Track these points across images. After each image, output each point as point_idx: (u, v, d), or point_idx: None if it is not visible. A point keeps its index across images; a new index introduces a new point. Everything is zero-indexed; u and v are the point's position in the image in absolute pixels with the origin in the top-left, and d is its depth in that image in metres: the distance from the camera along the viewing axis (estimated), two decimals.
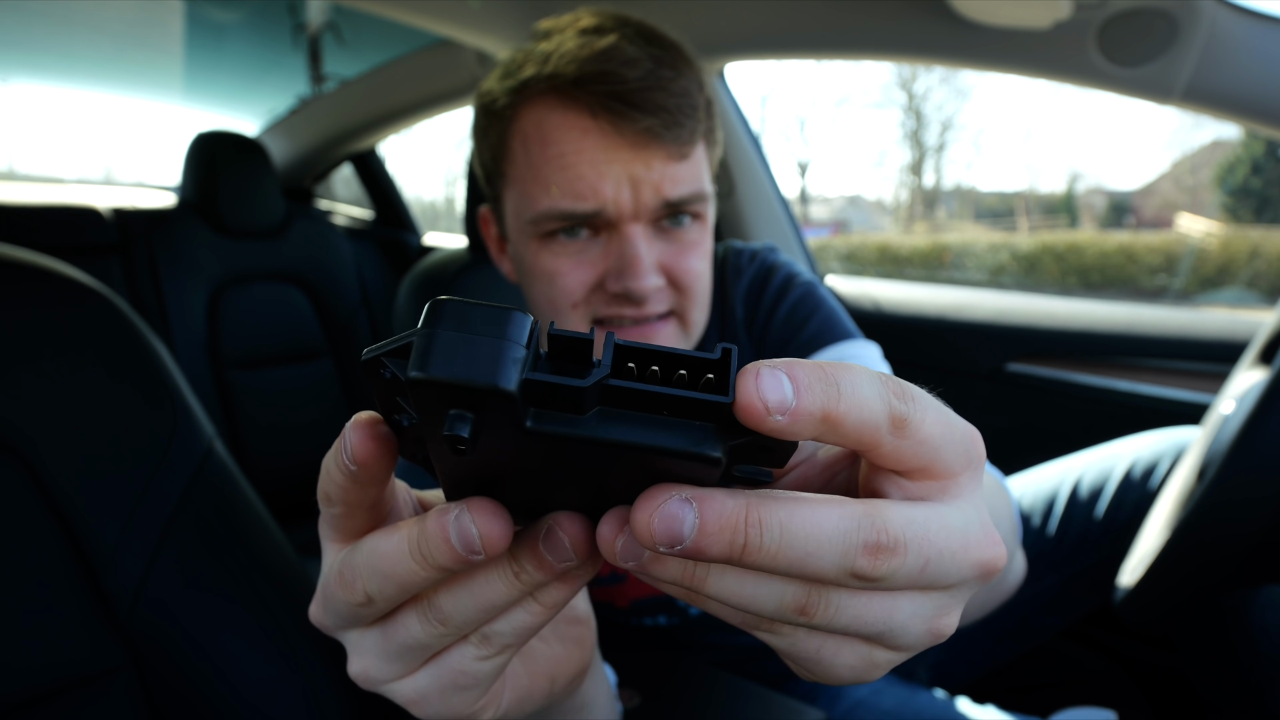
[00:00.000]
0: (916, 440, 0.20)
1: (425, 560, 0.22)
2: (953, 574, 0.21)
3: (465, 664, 0.25)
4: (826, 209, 16.68)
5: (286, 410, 1.79)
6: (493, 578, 0.23)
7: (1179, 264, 7.38)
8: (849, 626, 0.21)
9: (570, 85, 0.56)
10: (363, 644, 0.26)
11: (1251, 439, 0.53)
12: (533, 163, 0.58)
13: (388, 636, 0.25)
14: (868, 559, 0.20)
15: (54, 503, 0.56)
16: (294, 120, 2.17)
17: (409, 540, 0.22)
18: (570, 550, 0.22)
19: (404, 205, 2.33)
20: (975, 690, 0.98)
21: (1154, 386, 1.14)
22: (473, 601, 0.24)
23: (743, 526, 0.19)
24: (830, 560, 0.19)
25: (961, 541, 0.21)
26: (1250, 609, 0.72)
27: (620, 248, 0.57)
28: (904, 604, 0.22)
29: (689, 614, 0.80)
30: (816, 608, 0.21)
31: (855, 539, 0.19)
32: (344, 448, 0.22)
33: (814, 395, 0.18)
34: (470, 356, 0.17)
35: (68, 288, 0.61)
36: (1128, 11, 0.86)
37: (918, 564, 0.20)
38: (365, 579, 0.23)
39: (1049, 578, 0.86)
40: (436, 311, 0.17)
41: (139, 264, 1.66)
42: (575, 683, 0.34)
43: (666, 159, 0.57)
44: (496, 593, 0.23)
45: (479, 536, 0.21)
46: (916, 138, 15.92)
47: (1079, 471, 0.88)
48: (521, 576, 0.23)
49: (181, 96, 2.38)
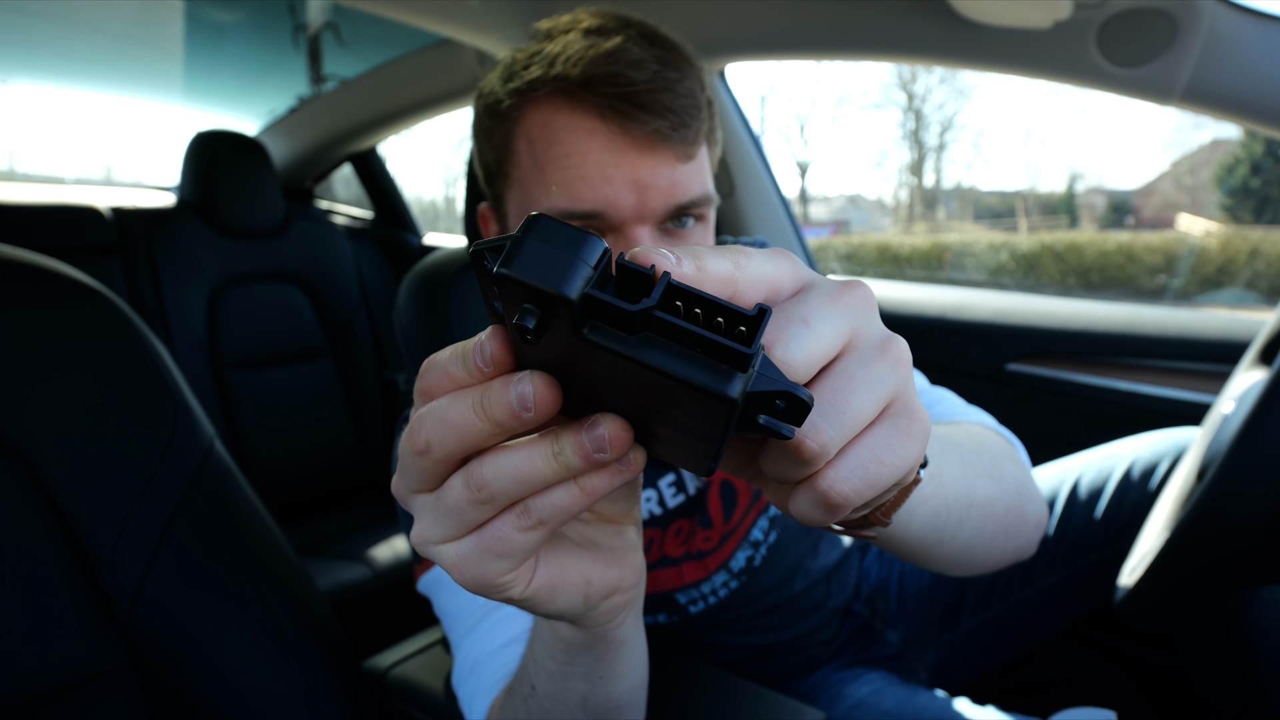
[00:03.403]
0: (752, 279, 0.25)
1: (484, 413, 0.25)
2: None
3: (504, 531, 0.28)
4: (826, 209, 16.68)
5: (286, 410, 1.79)
6: (534, 453, 0.26)
7: (1179, 264, 7.38)
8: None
9: (577, 87, 0.56)
10: (424, 504, 0.29)
11: (1251, 439, 0.53)
12: (537, 163, 0.58)
13: (438, 499, 0.28)
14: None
15: (54, 503, 0.56)
16: (294, 120, 2.17)
17: (474, 395, 0.26)
18: (607, 444, 0.25)
19: (404, 205, 2.33)
20: (975, 690, 0.98)
21: (1154, 386, 1.14)
22: (512, 472, 0.26)
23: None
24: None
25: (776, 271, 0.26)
26: (1250, 609, 0.72)
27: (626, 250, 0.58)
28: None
29: (689, 612, 0.80)
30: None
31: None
32: (480, 351, 0.25)
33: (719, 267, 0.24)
34: (547, 265, 0.20)
35: (68, 287, 0.61)
36: (1128, 11, 0.86)
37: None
38: (429, 427, 0.26)
39: (1049, 577, 0.86)
40: (533, 222, 0.21)
41: (139, 264, 1.66)
42: (612, 602, 0.35)
43: (674, 160, 0.57)
44: (534, 468, 0.26)
45: (533, 396, 0.24)
46: (916, 138, 15.92)
47: (1078, 472, 0.88)
48: (560, 457, 0.26)
49: (181, 96, 2.38)
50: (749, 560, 0.80)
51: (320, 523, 1.78)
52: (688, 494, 0.78)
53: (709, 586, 0.79)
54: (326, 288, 1.90)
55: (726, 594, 0.80)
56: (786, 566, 0.83)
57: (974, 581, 0.90)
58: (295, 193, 2.29)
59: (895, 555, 0.54)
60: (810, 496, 0.26)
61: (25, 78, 2.16)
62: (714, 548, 0.79)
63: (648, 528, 0.77)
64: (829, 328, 0.25)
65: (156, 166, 7.32)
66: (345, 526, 1.76)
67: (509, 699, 0.51)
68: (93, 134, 7.80)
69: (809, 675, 0.87)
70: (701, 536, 0.78)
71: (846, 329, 0.26)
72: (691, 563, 0.78)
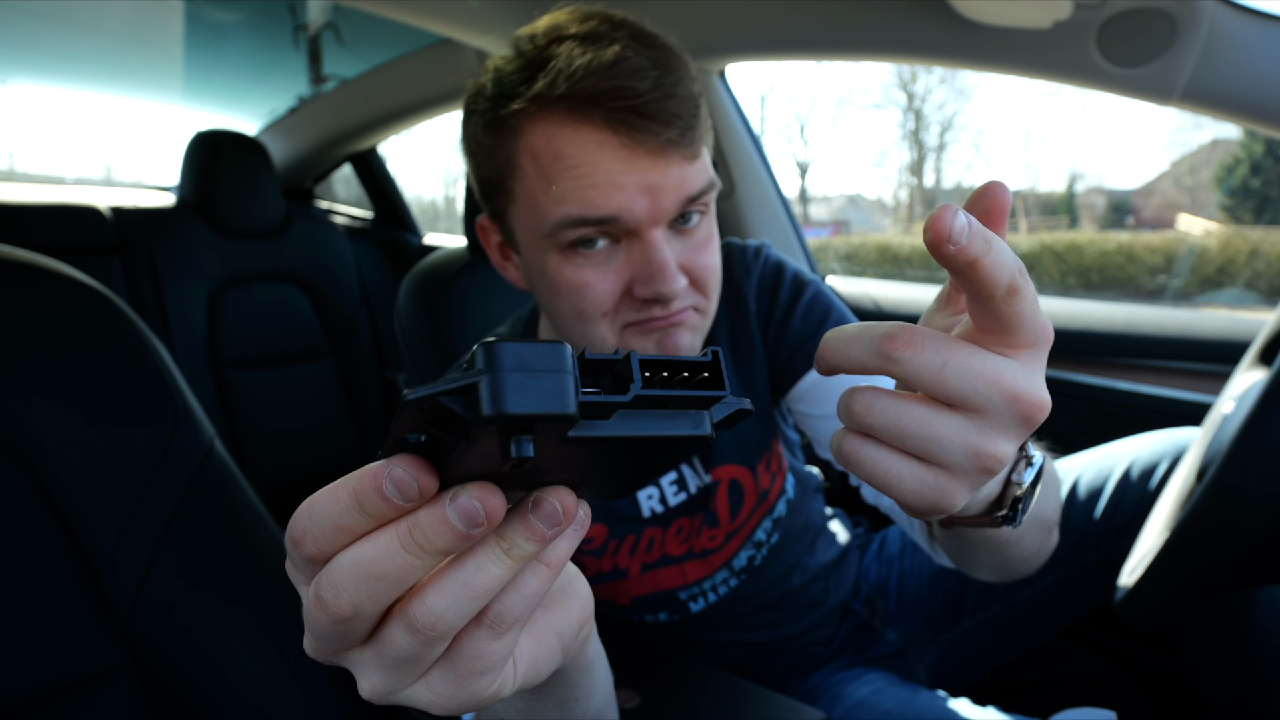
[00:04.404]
0: (1015, 308, 0.27)
1: (419, 549, 0.22)
2: (981, 392, 0.28)
3: (478, 649, 0.25)
4: (826, 209, 16.67)
5: (286, 410, 1.79)
6: (481, 563, 0.24)
7: (1179, 264, 7.38)
8: (889, 429, 0.29)
9: (583, 102, 0.55)
10: (364, 661, 0.26)
11: (1251, 439, 0.53)
12: (545, 175, 0.58)
13: (379, 654, 0.25)
14: (888, 344, 0.27)
15: (54, 502, 0.56)
16: (294, 120, 2.18)
17: (399, 534, 0.22)
18: (560, 514, 0.24)
19: (404, 205, 2.33)
20: (975, 690, 0.98)
21: (1154, 386, 1.14)
22: (464, 593, 0.24)
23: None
24: (862, 347, 0.28)
25: (995, 372, 0.27)
26: (1249, 609, 0.72)
27: (645, 254, 0.58)
28: (941, 418, 0.28)
29: (689, 611, 0.80)
30: (856, 402, 0.29)
31: (881, 331, 0.28)
32: (391, 484, 0.22)
33: (976, 242, 0.25)
34: (538, 392, 0.20)
35: (68, 288, 0.61)
36: (1128, 11, 0.86)
37: (936, 361, 0.27)
38: (351, 590, 0.23)
39: (1049, 577, 0.86)
40: (493, 352, 0.20)
41: (139, 264, 1.66)
42: (583, 636, 0.34)
43: (682, 161, 0.58)
44: (489, 577, 0.24)
45: (482, 508, 0.22)
46: (916, 138, 15.92)
47: (1078, 472, 0.88)
48: (514, 552, 0.24)
49: (181, 96, 2.38)
50: (750, 560, 0.80)
51: None
52: (689, 492, 0.78)
53: (710, 584, 0.79)
54: (327, 288, 1.90)
55: (727, 591, 0.80)
56: (785, 564, 0.83)
57: (973, 582, 0.90)
58: (295, 193, 2.29)
59: (955, 560, 0.56)
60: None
61: (25, 78, 2.16)
62: (719, 546, 0.79)
63: (649, 526, 0.77)
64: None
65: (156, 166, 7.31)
66: None
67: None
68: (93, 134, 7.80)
69: (809, 675, 0.87)
70: (707, 535, 0.78)
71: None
72: (695, 561, 0.78)
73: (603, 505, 0.76)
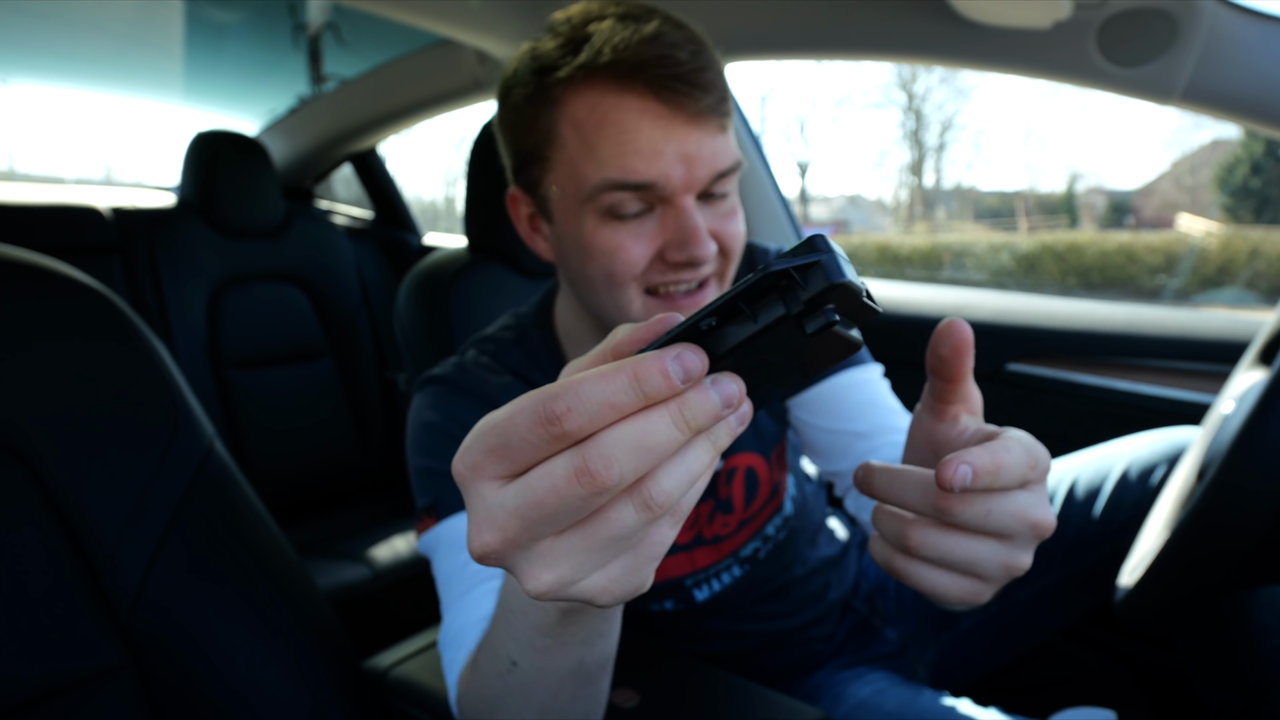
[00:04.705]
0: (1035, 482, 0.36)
1: (686, 425, 0.25)
2: (1012, 527, 0.35)
3: (661, 535, 0.28)
4: (826, 209, 16.68)
5: (287, 410, 1.79)
6: (700, 446, 0.27)
7: (1179, 264, 7.38)
8: (941, 558, 0.36)
9: (628, 70, 0.58)
10: (559, 549, 0.27)
11: (1251, 439, 0.53)
12: (586, 142, 0.60)
13: (593, 534, 0.27)
14: (943, 500, 0.34)
15: (55, 502, 0.56)
16: (294, 120, 2.17)
17: (670, 412, 0.25)
18: (735, 396, 0.26)
19: (404, 205, 2.33)
20: (976, 691, 0.98)
21: (1154, 386, 1.14)
22: (687, 475, 0.26)
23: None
24: (917, 496, 0.35)
25: (1021, 509, 0.35)
26: (1249, 609, 0.72)
27: (678, 220, 0.61)
28: (981, 546, 0.35)
29: (694, 599, 0.80)
30: (912, 538, 0.36)
31: (934, 487, 0.34)
32: (680, 365, 0.25)
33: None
34: (851, 270, 0.25)
35: (69, 288, 0.61)
36: (1128, 11, 0.86)
37: (982, 510, 0.34)
38: (622, 462, 0.25)
39: (1048, 576, 0.87)
40: (823, 241, 0.26)
41: (139, 264, 1.66)
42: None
43: (716, 132, 0.61)
44: (702, 461, 0.27)
45: (737, 392, 0.26)
46: (916, 138, 15.92)
47: (1075, 472, 0.89)
48: (718, 444, 0.27)
49: (181, 96, 2.38)
50: (755, 552, 0.81)
51: (320, 523, 1.78)
52: None
53: (716, 570, 0.80)
54: (327, 288, 1.90)
55: (731, 580, 0.81)
56: (788, 557, 0.85)
57: None
58: (295, 193, 2.29)
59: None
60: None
61: (26, 78, 2.16)
62: (730, 533, 0.79)
63: None
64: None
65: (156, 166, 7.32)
66: (345, 526, 1.76)
67: (475, 676, 0.52)
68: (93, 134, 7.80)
69: (811, 675, 0.87)
70: (720, 521, 0.79)
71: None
72: (704, 547, 0.79)
73: None
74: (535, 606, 0.41)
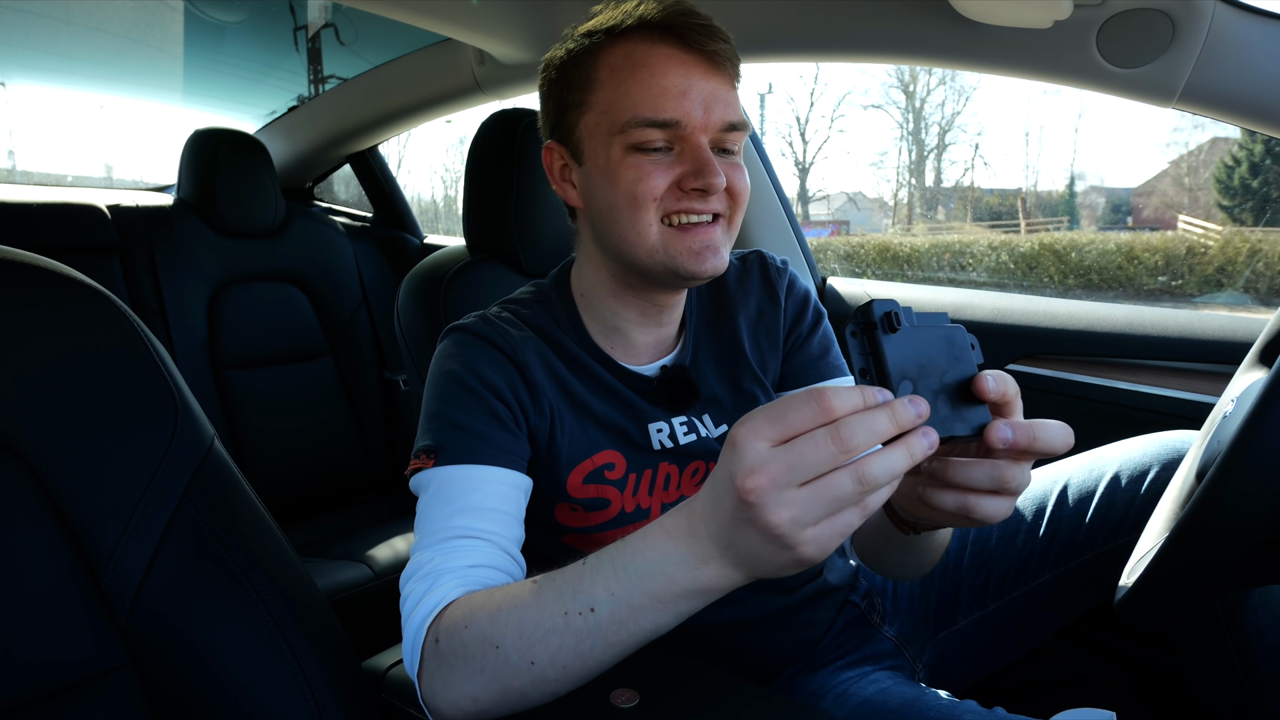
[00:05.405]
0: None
1: (910, 456, 0.44)
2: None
3: (876, 503, 0.44)
4: (826, 209, 16.67)
5: (286, 410, 1.79)
6: (898, 454, 0.44)
7: (1179, 264, 7.37)
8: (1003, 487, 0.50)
9: (658, 25, 0.70)
10: (796, 498, 0.43)
11: (1251, 439, 0.53)
12: (621, 84, 0.71)
13: (819, 493, 0.43)
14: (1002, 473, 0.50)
15: (54, 502, 0.56)
16: (293, 120, 2.17)
17: (905, 447, 0.44)
18: (926, 413, 0.45)
19: (404, 205, 2.33)
20: (976, 691, 0.98)
21: (1154, 386, 1.14)
22: (888, 467, 0.43)
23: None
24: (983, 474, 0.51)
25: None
26: (1245, 610, 0.72)
27: (695, 154, 0.71)
28: (1022, 471, 0.51)
29: None
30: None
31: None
32: (918, 410, 0.44)
33: (1021, 440, 0.49)
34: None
35: (68, 287, 0.61)
36: (1128, 11, 0.86)
37: (1026, 477, 0.51)
38: (878, 471, 0.43)
39: (1043, 574, 0.87)
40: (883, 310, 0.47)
41: (139, 264, 1.66)
42: None
43: (728, 84, 0.73)
44: (901, 463, 0.43)
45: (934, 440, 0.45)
46: (916, 138, 15.92)
47: (1067, 475, 0.89)
48: (914, 454, 0.44)
49: (181, 96, 2.38)
50: None
51: (320, 523, 1.78)
52: (698, 435, 0.80)
53: None
54: (326, 288, 1.90)
55: None
56: None
57: (968, 580, 0.91)
58: (295, 193, 2.29)
59: (880, 560, 0.78)
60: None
61: (26, 78, 2.16)
62: None
63: (662, 460, 0.80)
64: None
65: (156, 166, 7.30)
66: (345, 526, 1.76)
67: (512, 604, 0.55)
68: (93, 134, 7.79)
69: (813, 674, 0.87)
70: None
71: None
72: None
73: (618, 433, 0.79)
74: (669, 576, 0.50)
